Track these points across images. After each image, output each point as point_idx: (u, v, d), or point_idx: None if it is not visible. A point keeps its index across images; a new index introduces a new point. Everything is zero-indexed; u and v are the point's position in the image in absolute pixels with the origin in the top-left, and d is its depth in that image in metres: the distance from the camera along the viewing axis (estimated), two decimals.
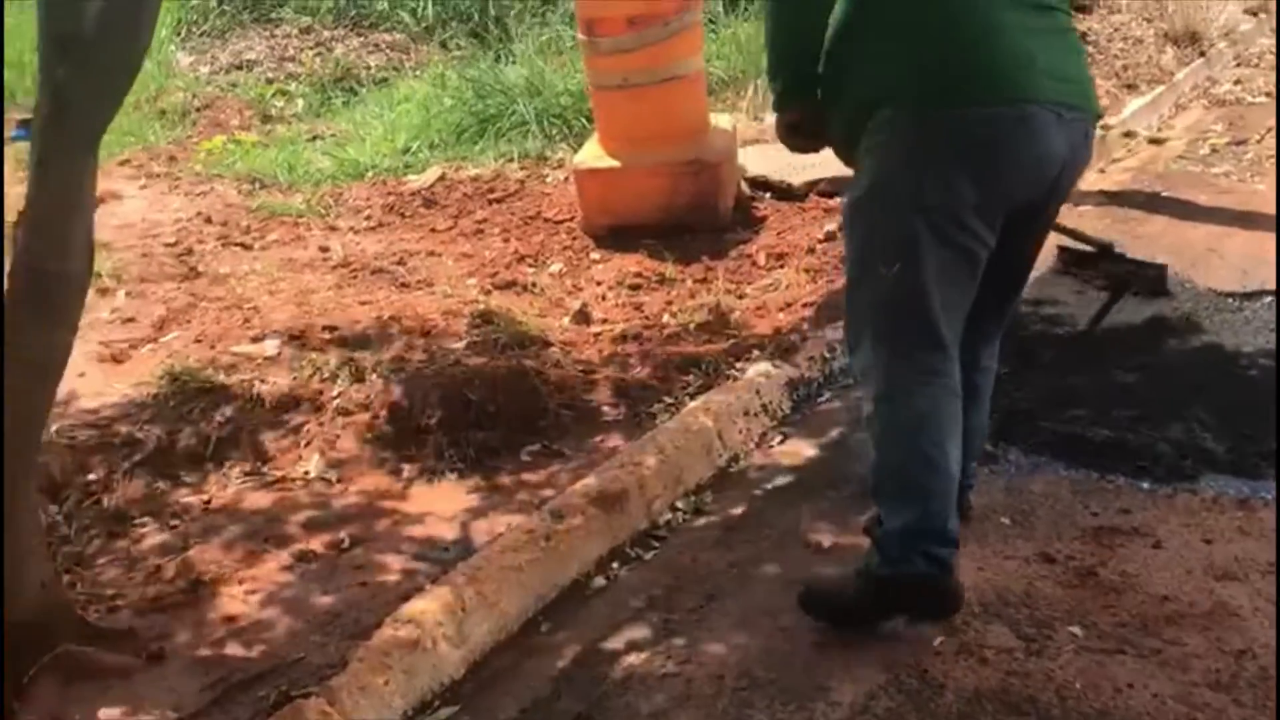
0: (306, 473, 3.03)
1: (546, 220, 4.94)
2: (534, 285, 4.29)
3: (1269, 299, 3.74)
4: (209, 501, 2.94)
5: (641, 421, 3.20)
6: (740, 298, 4.04)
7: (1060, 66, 2.21)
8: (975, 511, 2.66)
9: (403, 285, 4.31)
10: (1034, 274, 2.64)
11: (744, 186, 4.91)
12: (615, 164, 4.60)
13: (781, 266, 4.21)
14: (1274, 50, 7.20)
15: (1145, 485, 2.77)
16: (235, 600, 2.53)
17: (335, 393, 3.28)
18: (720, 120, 4.93)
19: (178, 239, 4.85)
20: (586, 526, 2.64)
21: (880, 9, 2.23)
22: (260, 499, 2.94)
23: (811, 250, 4.28)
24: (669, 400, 3.27)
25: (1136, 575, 2.42)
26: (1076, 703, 2.07)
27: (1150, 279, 3.79)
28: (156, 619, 2.46)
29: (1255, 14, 7.79)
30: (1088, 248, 3.67)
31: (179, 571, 2.60)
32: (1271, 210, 4.51)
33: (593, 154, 4.73)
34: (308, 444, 3.14)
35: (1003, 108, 2.14)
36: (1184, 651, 2.18)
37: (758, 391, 3.20)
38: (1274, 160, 5.12)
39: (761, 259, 4.31)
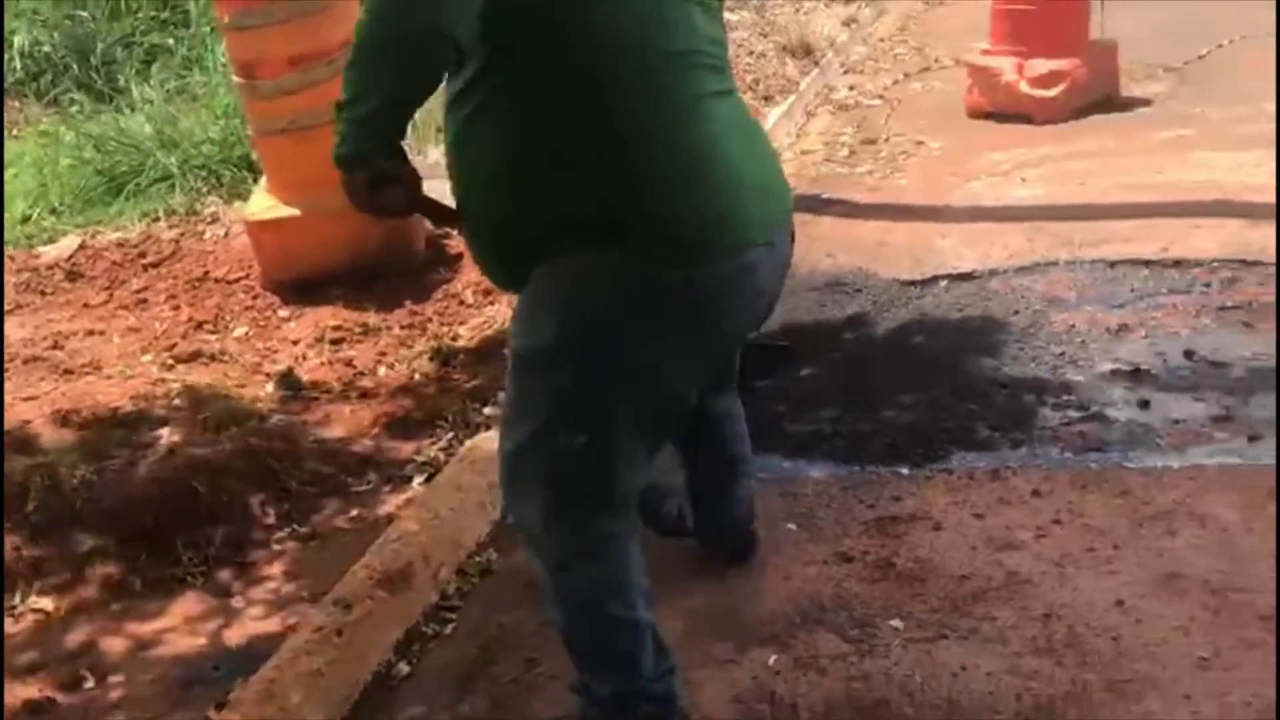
0: (14, 606, 2.57)
1: (218, 280, 4.52)
2: (222, 353, 3.90)
3: (945, 282, 4.08)
4: None
5: (396, 486, 2.98)
6: (455, 339, 3.87)
7: (762, 175, 1.88)
8: (763, 520, 2.68)
9: (67, 372, 3.78)
10: None
11: (429, 223, 4.73)
12: (294, 212, 4.27)
13: (492, 303, 4.07)
14: (873, 58, 7.94)
15: (905, 470, 2.91)
16: None
17: (30, 508, 2.80)
18: None
19: None
20: (378, 611, 2.40)
21: (551, 105, 1.75)
22: None
23: None
24: (421, 459, 3.07)
25: (930, 559, 2.53)
26: (923, 695, 2.12)
27: (769, 360, 3.48)
28: None
29: (848, 24, 8.53)
30: None
31: None
32: (919, 202, 4.94)
33: (264, 204, 4.37)
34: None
35: (724, 260, 1.79)
36: (998, 626, 2.29)
37: None
38: (906, 156, 5.62)
39: (469, 296, 4.16)
